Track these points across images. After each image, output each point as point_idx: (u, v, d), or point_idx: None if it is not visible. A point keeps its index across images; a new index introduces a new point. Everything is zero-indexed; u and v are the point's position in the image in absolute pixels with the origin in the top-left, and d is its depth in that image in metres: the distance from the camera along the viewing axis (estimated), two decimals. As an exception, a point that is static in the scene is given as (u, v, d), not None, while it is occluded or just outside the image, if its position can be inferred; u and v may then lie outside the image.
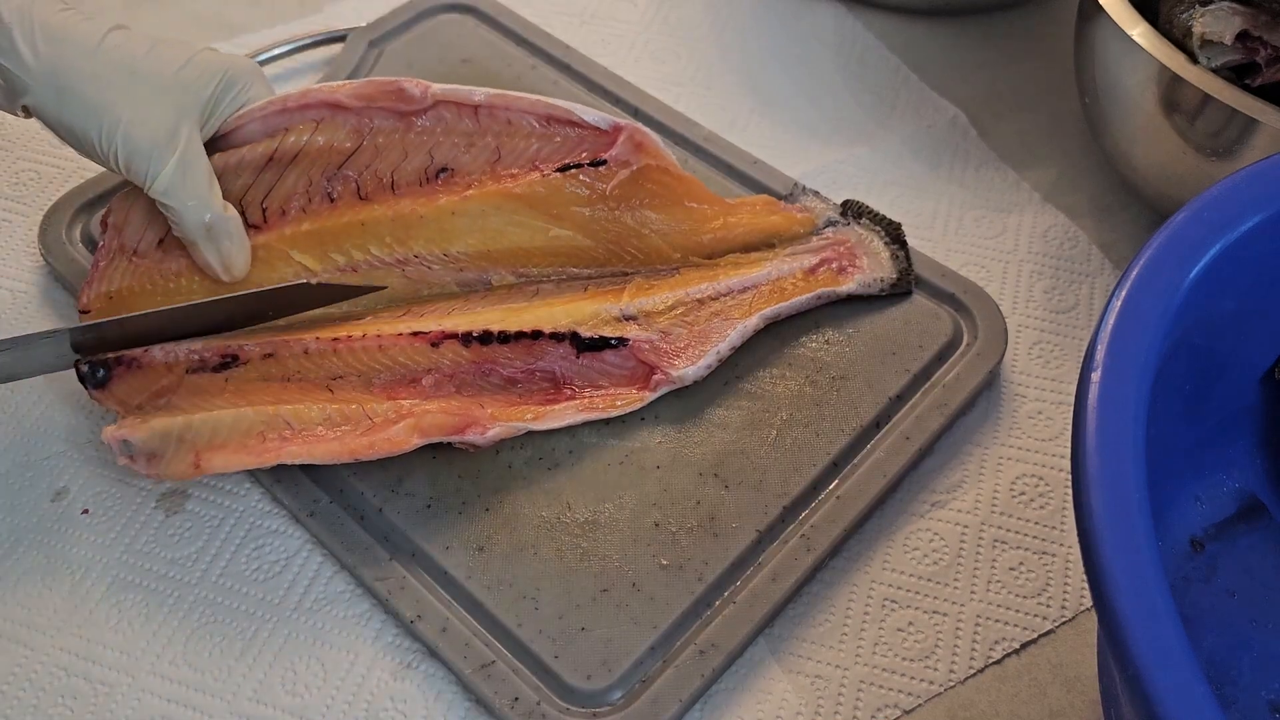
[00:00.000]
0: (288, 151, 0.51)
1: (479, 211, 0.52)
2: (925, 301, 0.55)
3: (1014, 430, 0.52)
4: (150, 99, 0.47)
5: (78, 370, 0.48)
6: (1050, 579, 0.48)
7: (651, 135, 0.53)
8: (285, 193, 0.51)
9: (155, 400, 0.48)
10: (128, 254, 0.51)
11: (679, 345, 0.51)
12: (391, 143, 0.52)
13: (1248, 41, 0.51)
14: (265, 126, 0.51)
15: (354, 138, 0.52)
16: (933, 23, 0.72)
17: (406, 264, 0.52)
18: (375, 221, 0.51)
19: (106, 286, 0.50)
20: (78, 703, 0.44)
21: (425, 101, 0.52)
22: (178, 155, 0.47)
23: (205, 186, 0.48)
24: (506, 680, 0.43)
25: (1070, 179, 0.63)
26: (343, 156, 0.52)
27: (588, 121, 0.53)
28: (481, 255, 0.52)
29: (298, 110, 0.51)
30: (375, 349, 0.49)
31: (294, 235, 0.51)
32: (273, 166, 0.51)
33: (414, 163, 0.52)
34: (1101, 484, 0.30)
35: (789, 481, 0.48)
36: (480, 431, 0.47)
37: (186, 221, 0.48)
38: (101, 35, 0.47)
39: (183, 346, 0.48)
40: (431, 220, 0.51)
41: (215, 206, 0.48)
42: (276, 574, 0.47)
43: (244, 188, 0.51)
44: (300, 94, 0.51)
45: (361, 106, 0.52)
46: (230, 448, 0.46)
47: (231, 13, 0.72)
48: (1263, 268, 0.38)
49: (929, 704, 0.44)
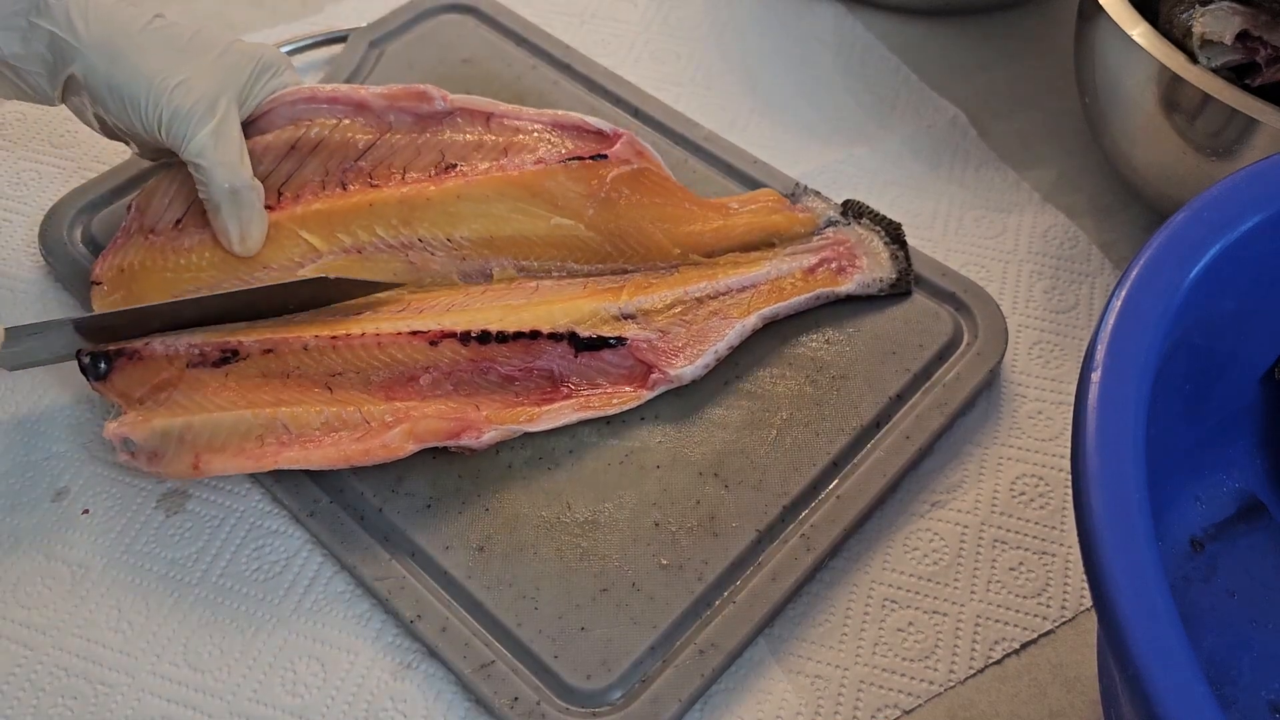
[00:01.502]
0: (310, 142, 0.54)
1: (483, 197, 0.53)
2: (926, 301, 0.55)
3: (1014, 430, 0.52)
4: (196, 71, 0.50)
5: (79, 362, 0.48)
6: (1050, 579, 0.48)
7: (650, 149, 0.56)
8: (302, 180, 0.54)
9: (156, 394, 0.48)
10: (145, 232, 0.53)
11: (677, 344, 0.51)
12: (407, 141, 0.55)
13: (1248, 41, 0.51)
14: (293, 113, 0.55)
15: (372, 134, 0.55)
16: (933, 23, 0.72)
17: (410, 248, 0.53)
18: (383, 203, 0.53)
19: (120, 260, 0.53)
20: (78, 703, 0.44)
21: (444, 107, 0.55)
22: (216, 121, 0.50)
23: (236, 154, 0.51)
24: (506, 680, 0.43)
25: (1070, 179, 0.63)
26: (360, 151, 0.54)
27: (590, 124, 0.55)
28: (484, 243, 0.53)
29: (325, 102, 0.55)
30: (374, 346, 0.49)
31: (304, 215, 0.53)
32: (294, 155, 0.54)
33: (425, 159, 0.55)
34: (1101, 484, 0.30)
35: (789, 481, 0.48)
36: (475, 435, 0.47)
37: (214, 183, 0.50)
38: (148, 19, 0.51)
39: (183, 340, 0.49)
40: (437, 204, 0.53)
41: (244, 174, 0.51)
42: (276, 574, 0.47)
43: (265, 173, 0.54)
44: (331, 87, 0.55)
45: (384, 106, 0.55)
46: (229, 451, 0.47)
47: (232, 13, 0.72)
48: (1263, 268, 0.38)
49: (929, 704, 0.44)
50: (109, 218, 0.58)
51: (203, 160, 0.50)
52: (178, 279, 0.52)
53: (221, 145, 0.50)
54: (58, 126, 0.64)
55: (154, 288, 0.52)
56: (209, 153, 0.50)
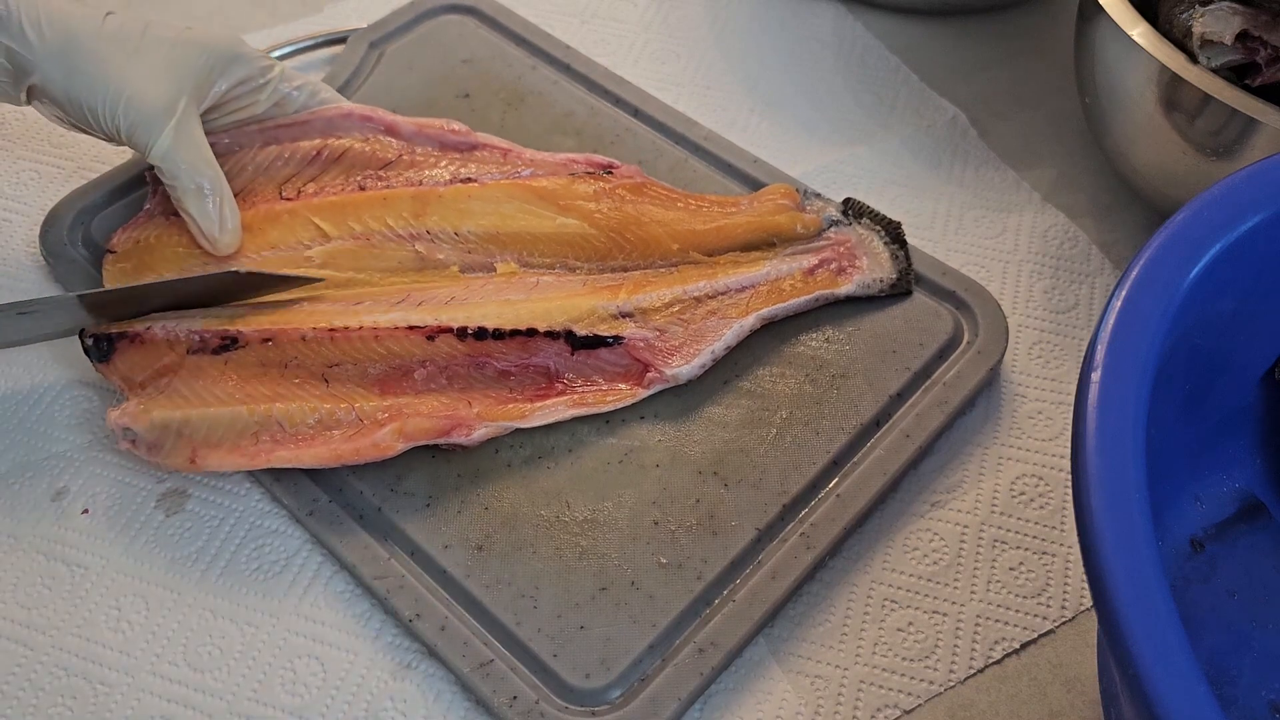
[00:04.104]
0: (336, 150, 0.57)
1: (494, 197, 0.55)
2: (926, 299, 0.55)
3: (1014, 430, 0.52)
4: (149, 75, 0.51)
5: (83, 343, 0.49)
6: (1050, 579, 0.48)
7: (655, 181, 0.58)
8: (323, 183, 0.56)
9: (158, 379, 0.49)
10: (165, 215, 0.55)
11: (674, 343, 0.51)
12: (427, 160, 0.57)
13: (1248, 41, 0.51)
14: (327, 127, 0.57)
15: (396, 153, 0.57)
16: (933, 23, 0.72)
17: (418, 239, 0.54)
18: (396, 198, 0.55)
19: (137, 234, 0.55)
20: (78, 703, 0.44)
21: (469, 140, 0.58)
22: (174, 123, 0.51)
23: (198, 153, 0.52)
24: (505, 679, 0.43)
25: (1070, 179, 0.63)
26: (382, 163, 0.57)
27: (599, 159, 0.58)
28: (490, 237, 0.54)
29: (360, 119, 0.57)
30: (371, 339, 0.49)
31: (319, 204, 0.55)
32: (318, 161, 0.57)
33: (443, 175, 0.57)
34: (1101, 484, 0.30)
35: (789, 480, 0.48)
36: (465, 433, 0.48)
37: (181, 183, 0.51)
38: (101, 19, 0.51)
39: (183, 326, 0.50)
40: (449, 200, 0.55)
41: (208, 171, 0.52)
42: (276, 574, 0.47)
43: (288, 176, 0.56)
44: (368, 108, 0.58)
45: (413, 132, 0.57)
46: (225, 447, 0.47)
47: (232, 13, 0.72)
48: (1263, 268, 0.38)
49: (929, 704, 0.44)
50: (109, 218, 0.58)
51: (166, 165, 0.51)
52: (189, 254, 0.54)
53: (183, 146, 0.51)
54: (57, 126, 0.64)
55: (164, 261, 0.54)
56: (171, 155, 0.51)
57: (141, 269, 0.54)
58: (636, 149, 0.61)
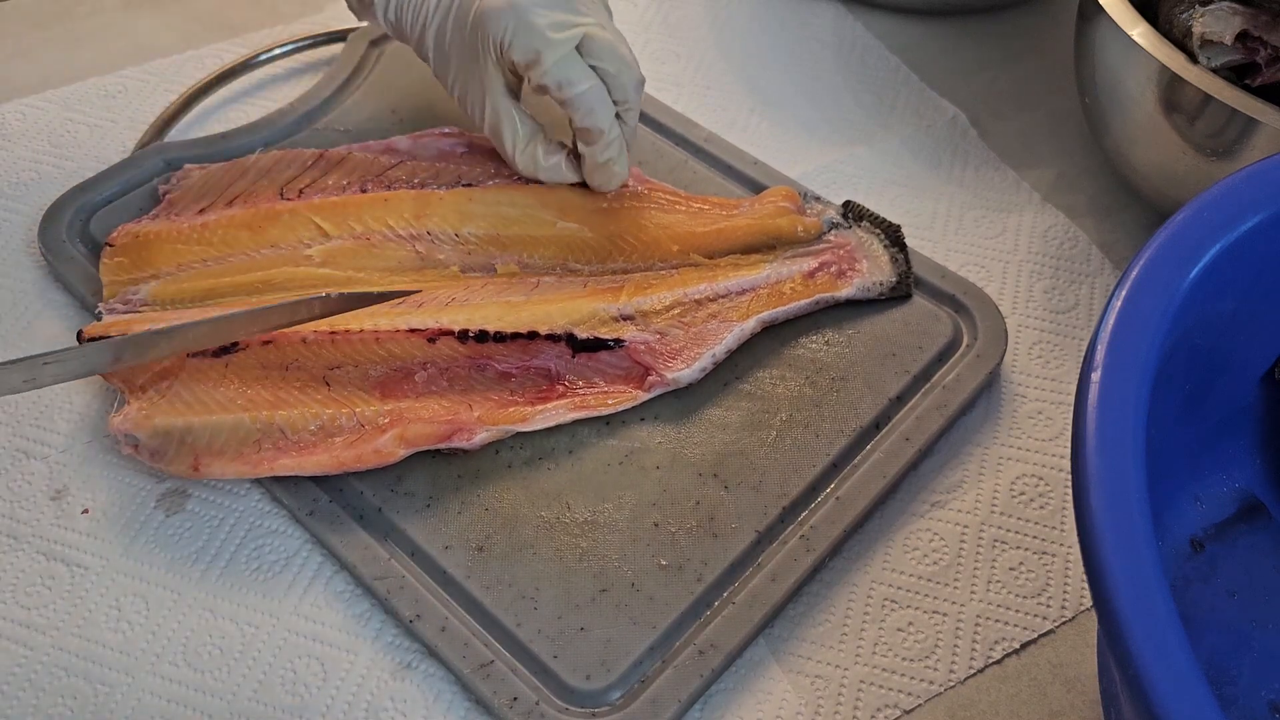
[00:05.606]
0: (336, 155, 0.58)
1: (494, 200, 0.55)
2: (925, 303, 0.55)
3: (1014, 430, 0.52)
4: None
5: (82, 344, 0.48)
6: (1050, 579, 0.48)
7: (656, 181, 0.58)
8: (323, 185, 0.57)
9: (158, 382, 0.49)
10: (169, 214, 0.56)
11: (674, 347, 0.51)
12: (428, 167, 0.58)
13: (1248, 41, 0.51)
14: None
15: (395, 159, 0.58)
16: (933, 23, 0.72)
17: (419, 239, 0.54)
18: (398, 199, 0.55)
19: (138, 229, 0.55)
20: (78, 703, 0.44)
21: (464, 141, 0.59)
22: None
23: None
24: (505, 680, 0.43)
25: (1070, 179, 0.63)
26: (383, 168, 0.58)
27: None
28: (491, 240, 0.54)
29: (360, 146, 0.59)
30: (372, 342, 0.49)
31: (320, 204, 0.55)
32: (320, 164, 0.57)
33: (443, 179, 0.57)
34: (1101, 484, 0.30)
35: (788, 482, 0.48)
36: (466, 437, 0.48)
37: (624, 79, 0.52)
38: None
39: None
40: (450, 202, 0.55)
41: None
42: (276, 574, 0.47)
43: (289, 178, 0.57)
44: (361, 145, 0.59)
45: (410, 146, 0.59)
46: (227, 455, 0.47)
47: (232, 13, 0.72)
48: (1263, 268, 0.38)
49: (929, 704, 0.44)
50: (108, 216, 0.58)
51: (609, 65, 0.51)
52: (187, 250, 0.54)
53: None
54: (58, 126, 0.64)
55: (161, 255, 0.54)
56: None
57: (140, 264, 0.54)
58: (636, 150, 0.61)
